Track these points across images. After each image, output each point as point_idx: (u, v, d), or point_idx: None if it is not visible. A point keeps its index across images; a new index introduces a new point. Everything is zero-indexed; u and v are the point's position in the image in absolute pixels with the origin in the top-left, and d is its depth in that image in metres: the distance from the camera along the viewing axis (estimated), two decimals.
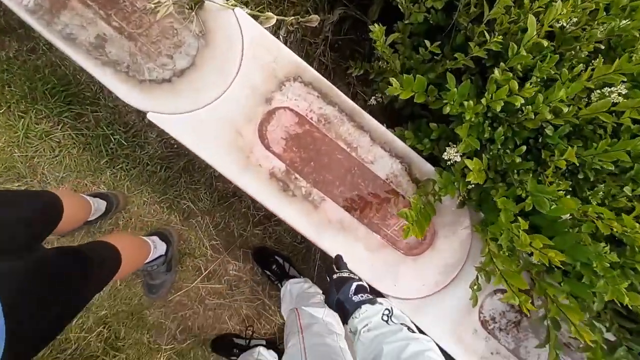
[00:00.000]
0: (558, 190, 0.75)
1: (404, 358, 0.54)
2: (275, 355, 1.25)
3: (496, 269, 0.79)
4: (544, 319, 0.93)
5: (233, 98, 0.89)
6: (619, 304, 0.80)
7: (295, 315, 0.88)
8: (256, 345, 1.33)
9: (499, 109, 0.75)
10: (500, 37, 0.78)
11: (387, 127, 0.97)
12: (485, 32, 0.81)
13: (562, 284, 0.84)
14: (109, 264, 0.83)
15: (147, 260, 1.13)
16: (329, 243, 0.93)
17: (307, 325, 0.80)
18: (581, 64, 0.76)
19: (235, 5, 0.91)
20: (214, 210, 1.37)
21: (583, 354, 1.07)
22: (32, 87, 1.28)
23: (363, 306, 0.64)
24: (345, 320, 0.67)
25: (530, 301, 0.71)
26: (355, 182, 0.95)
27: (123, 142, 1.31)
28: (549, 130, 0.82)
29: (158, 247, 1.18)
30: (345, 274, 0.74)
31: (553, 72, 0.75)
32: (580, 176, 0.86)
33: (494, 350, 1.02)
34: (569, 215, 0.78)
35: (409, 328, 0.60)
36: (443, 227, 0.98)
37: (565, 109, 0.71)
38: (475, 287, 0.90)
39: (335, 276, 0.74)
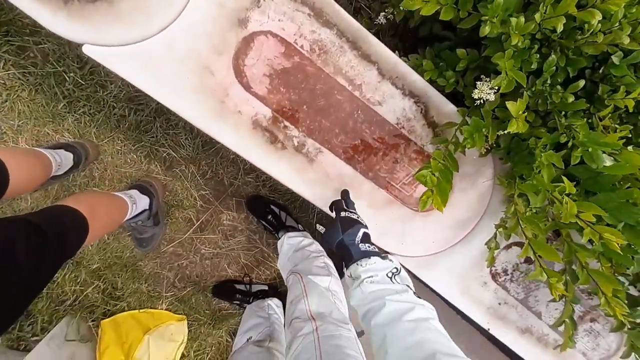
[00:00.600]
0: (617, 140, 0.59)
1: (406, 320, 0.52)
2: (281, 304, 1.24)
3: (522, 234, 0.67)
4: (562, 273, 0.85)
5: (194, 20, 0.66)
6: None
7: (300, 286, 0.81)
8: (259, 292, 1.31)
9: (560, 28, 0.54)
10: None
11: (400, 56, 0.76)
12: None
13: (593, 245, 0.73)
14: (72, 232, 0.72)
15: (128, 217, 1.02)
16: (329, 202, 0.81)
17: (319, 315, 0.73)
18: None
19: None
20: (199, 158, 1.22)
21: (592, 300, 1.04)
22: None
23: (373, 257, 0.61)
24: (345, 263, 0.65)
25: (562, 282, 0.61)
26: (358, 129, 0.78)
27: (80, 80, 1.09)
28: (616, 58, 0.62)
29: (139, 202, 1.06)
30: (354, 216, 0.69)
31: None
32: None
33: (502, 301, 0.98)
34: None
35: (414, 292, 0.58)
36: (461, 179, 0.83)
37: None
38: (493, 246, 0.80)
39: (342, 214, 0.68)
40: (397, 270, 0.61)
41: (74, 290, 1.24)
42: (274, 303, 1.21)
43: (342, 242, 0.64)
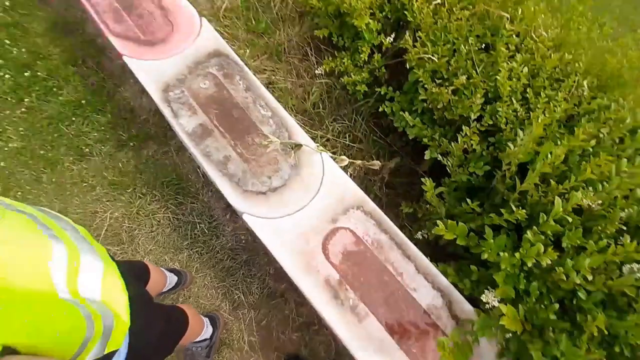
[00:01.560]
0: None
1: None
2: None
3: None
4: None
5: (309, 214, 1.14)
6: None
7: None
8: None
9: (530, 264, 0.88)
10: (530, 207, 0.96)
11: (431, 261, 1.12)
12: (517, 200, 1.01)
13: None
14: (180, 325, 0.98)
15: (196, 340, 1.24)
16: (365, 359, 0.99)
17: None
18: (606, 240, 0.89)
19: (322, 150, 1.26)
20: (261, 306, 1.49)
21: None
22: (156, 178, 1.70)
23: None
24: None
25: None
26: (397, 305, 1.05)
27: (205, 230, 1.59)
28: (582, 294, 0.91)
29: (206, 330, 1.29)
30: None
31: (580, 242, 0.89)
32: (617, 349, 0.88)
33: None
34: None
35: None
36: None
37: (590, 277, 0.81)
38: None
39: None
40: None
41: None
42: None
43: None
